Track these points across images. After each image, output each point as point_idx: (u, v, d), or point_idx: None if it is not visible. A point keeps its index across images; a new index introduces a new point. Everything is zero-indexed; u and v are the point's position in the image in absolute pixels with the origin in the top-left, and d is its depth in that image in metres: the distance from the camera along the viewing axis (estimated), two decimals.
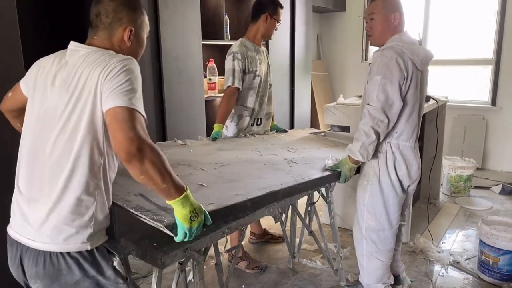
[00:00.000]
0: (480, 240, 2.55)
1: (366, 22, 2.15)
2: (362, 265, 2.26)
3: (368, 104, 1.96)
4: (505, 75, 4.71)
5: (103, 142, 1.21)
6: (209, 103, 3.59)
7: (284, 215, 2.53)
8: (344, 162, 2.06)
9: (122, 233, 1.49)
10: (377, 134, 1.95)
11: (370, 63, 2.13)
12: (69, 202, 1.18)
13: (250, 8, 2.73)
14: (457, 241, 3.12)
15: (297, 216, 2.66)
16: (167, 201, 1.23)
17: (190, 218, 1.24)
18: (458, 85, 5.17)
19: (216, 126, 2.52)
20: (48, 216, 1.18)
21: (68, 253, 1.19)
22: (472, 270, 2.65)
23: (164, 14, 2.91)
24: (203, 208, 1.30)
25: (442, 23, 5.10)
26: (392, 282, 2.28)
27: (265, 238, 3.07)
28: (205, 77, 3.45)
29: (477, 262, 2.63)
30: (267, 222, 3.11)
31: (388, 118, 1.93)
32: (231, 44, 2.66)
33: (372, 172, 2.08)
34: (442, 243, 3.07)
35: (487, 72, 4.87)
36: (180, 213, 1.23)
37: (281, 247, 3.00)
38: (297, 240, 2.77)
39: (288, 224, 2.77)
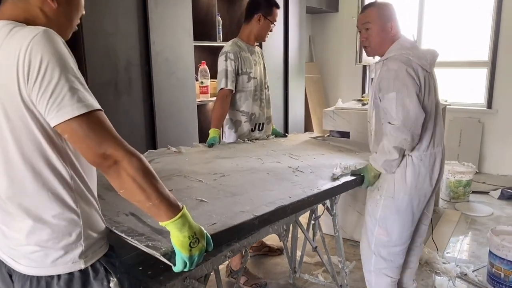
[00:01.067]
0: (490, 252, 2.43)
1: (360, 32, 2.00)
2: (370, 283, 2.11)
3: (389, 122, 1.84)
4: (501, 77, 4.64)
5: (60, 150, 0.97)
6: (201, 107, 3.42)
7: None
8: (370, 169, 1.95)
9: (118, 255, 1.31)
10: (402, 151, 1.85)
11: (370, 66, 1.98)
12: (48, 223, 0.99)
13: (243, 7, 2.59)
14: (461, 250, 3.01)
15: (299, 229, 2.52)
16: (160, 223, 1.04)
17: (189, 245, 1.05)
18: (453, 88, 5.09)
19: (212, 132, 2.34)
20: (28, 240, 1.00)
21: (58, 275, 1.01)
22: (482, 283, 2.53)
23: (153, 14, 2.73)
24: (205, 232, 1.11)
25: (436, 25, 5.02)
26: None
27: (262, 250, 2.90)
28: (196, 80, 3.28)
29: (486, 274, 2.51)
30: None
31: (412, 134, 1.80)
32: (224, 46, 2.50)
33: (386, 187, 1.94)
34: (447, 253, 2.95)
35: (483, 74, 4.79)
36: (177, 238, 1.05)
37: (280, 260, 2.84)
38: (298, 253, 2.62)
39: (289, 236, 2.61)
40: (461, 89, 5.04)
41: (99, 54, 2.46)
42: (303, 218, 2.45)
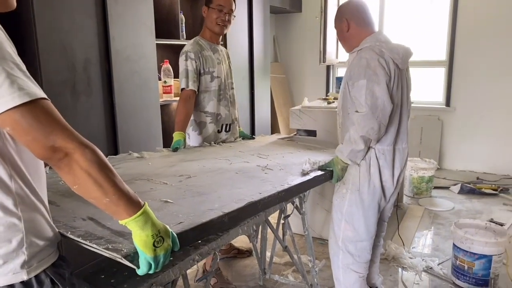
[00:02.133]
0: (454, 245, 2.49)
1: None
2: (338, 279, 2.10)
3: (357, 111, 1.84)
4: (458, 76, 4.81)
5: None
6: (164, 107, 3.32)
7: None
8: (336, 162, 1.95)
9: (70, 265, 1.21)
10: (368, 142, 1.84)
11: (347, 63, 1.99)
12: None
13: None
14: (426, 244, 3.08)
15: (268, 230, 2.48)
16: (120, 222, 0.96)
17: (153, 244, 0.98)
18: (414, 86, 5.22)
19: (176, 135, 2.25)
20: None
21: None
22: (446, 276, 2.58)
23: (113, 10, 2.61)
24: (170, 230, 1.04)
25: (396, 25, 5.14)
26: None
27: (231, 253, 2.84)
28: (159, 79, 3.17)
29: (451, 267, 2.57)
30: None
31: (379, 123, 1.80)
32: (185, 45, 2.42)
33: (352, 180, 1.95)
34: (413, 248, 3.00)
35: (441, 73, 4.95)
36: (139, 238, 0.97)
37: (249, 262, 2.79)
38: (267, 254, 2.58)
39: (259, 237, 2.56)
40: (421, 87, 5.18)
41: (54, 52, 2.32)
42: (272, 218, 2.41)
